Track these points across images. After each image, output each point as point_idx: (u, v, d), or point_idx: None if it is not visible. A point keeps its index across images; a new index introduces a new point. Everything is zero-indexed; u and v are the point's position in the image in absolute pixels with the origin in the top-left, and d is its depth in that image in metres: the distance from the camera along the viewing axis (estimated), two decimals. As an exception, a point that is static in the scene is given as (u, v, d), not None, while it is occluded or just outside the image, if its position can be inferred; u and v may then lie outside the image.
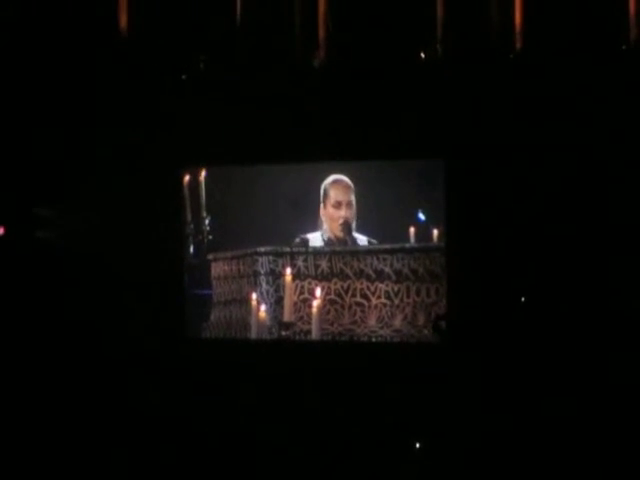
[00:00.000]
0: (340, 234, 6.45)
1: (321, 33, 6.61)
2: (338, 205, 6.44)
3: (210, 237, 6.65)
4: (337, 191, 6.46)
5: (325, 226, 6.50)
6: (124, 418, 6.51)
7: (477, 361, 6.18)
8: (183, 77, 6.81)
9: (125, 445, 6.28)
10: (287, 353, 6.52)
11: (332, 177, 6.48)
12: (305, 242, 6.54)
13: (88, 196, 6.91)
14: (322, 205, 6.46)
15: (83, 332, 6.86)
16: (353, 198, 6.41)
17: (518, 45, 6.38)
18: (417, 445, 5.99)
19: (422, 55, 6.51)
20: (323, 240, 6.52)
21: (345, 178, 6.44)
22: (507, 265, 6.24)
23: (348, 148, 6.48)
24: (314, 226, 6.53)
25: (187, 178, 6.75)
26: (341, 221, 6.44)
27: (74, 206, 6.96)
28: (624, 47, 6.24)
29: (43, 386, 6.70)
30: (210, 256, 6.67)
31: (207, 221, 6.64)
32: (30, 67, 6.90)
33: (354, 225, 6.45)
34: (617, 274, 6.15)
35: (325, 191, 6.48)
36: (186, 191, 6.72)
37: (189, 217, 6.75)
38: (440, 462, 5.89)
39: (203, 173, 6.69)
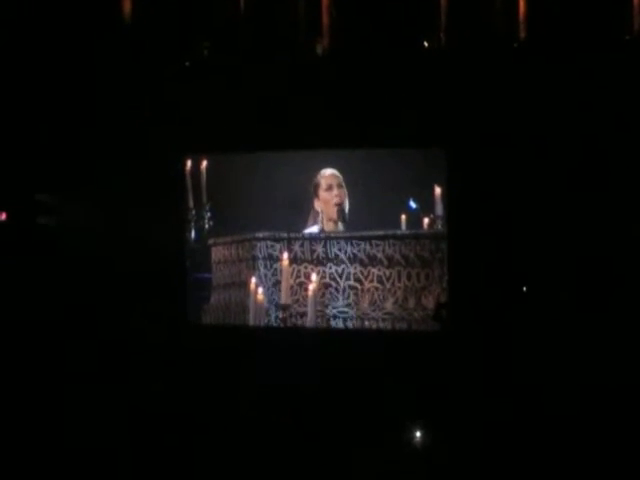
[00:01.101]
0: (335, 215, 6.50)
1: (324, 21, 6.56)
2: (329, 188, 6.52)
3: (211, 223, 6.69)
4: (327, 178, 6.54)
5: (321, 216, 6.55)
6: (127, 405, 6.44)
7: (478, 350, 6.16)
8: (186, 64, 6.75)
9: (128, 433, 6.24)
10: (287, 340, 6.50)
11: (322, 170, 6.53)
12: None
13: (90, 183, 6.86)
14: (315, 197, 6.53)
15: (85, 318, 6.80)
16: (343, 184, 6.48)
17: (522, 34, 6.33)
18: (417, 434, 6.00)
19: (425, 44, 6.48)
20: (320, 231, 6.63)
21: (333, 170, 6.50)
22: (508, 253, 6.21)
23: (350, 136, 6.44)
24: (312, 221, 6.59)
25: (189, 165, 6.76)
26: (335, 200, 6.50)
27: (76, 193, 6.93)
28: (627, 37, 6.19)
29: (44, 373, 6.65)
30: (210, 241, 6.72)
31: (208, 207, 6.69)
32: (33, 54, 6.82)
33: (347, 209, 6.48)
34: (618, 263, 6.10)
35: (316, 183, 6.54)
36: (188, 178, 6.74)
37: (191, 203, 6.75)
38: (440, 453, 5.85)
39: (204, 161, 6.71)
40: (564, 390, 5.96)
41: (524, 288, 6.19)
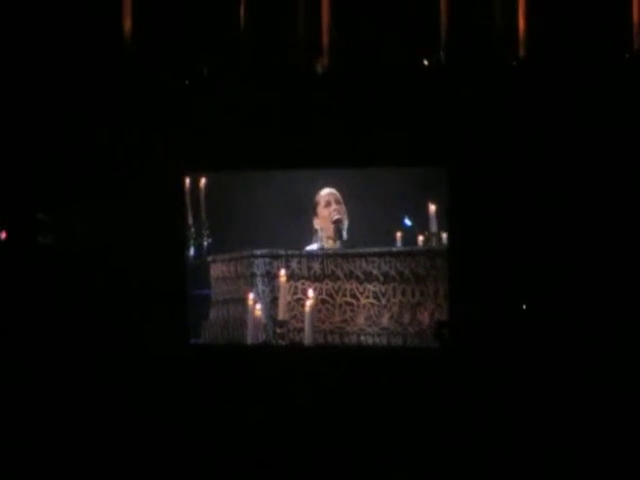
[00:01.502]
0: (332, 233, 6.57)
1: (324, 39, 6.57)
2: (328, 204, 6.58)
3: (209, 240, 6.69)
4: (325, 196, 6.60)
5: (320, 233, 6.62)
6: (125, 422, 6.38)
7: (479, 368, 6.13)
8: (186, 82, 6.72)
9: (126, 446, 6.20)
10: (285, 359, 6.49)
11: (323, 190, 6.59)
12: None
13: (90, 201, 6.79)
14: (315, 216, 6.60)
15: (85, 336, 6.72)
16: (342, 202, 6.54)
17: (521, 52, 6.32)
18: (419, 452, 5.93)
19: (425, 62, 6.46)
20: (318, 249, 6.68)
21: (332, 189, 6.57)
22: (508, 271, 6.19)
23: (350, 155, 6.44)
24: (310, 239, 6.65)
25: (187, 183, 6.75)
26: (333, 216, 6.56)
27: (76, 211, 6.85)
28: (627, 55, 6.19)
29: (44, 389, 6.57)
30: (209, 258, 6.73)
31: (207, 225, 6.69)
32: (33, 72, 6.77)
33: (345, 226, 6.55)
34: (620, 281, 6.07)
35: (315, 202, 6.61)
36: (187, 196, 6.73)
37: (190, 220, 6.75)
38: (438, 469, 5.80)
39: (203, 179, 6.71)
40: (566, 408, 5.93)
41: (524, 306, 6.18)
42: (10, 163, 6.83)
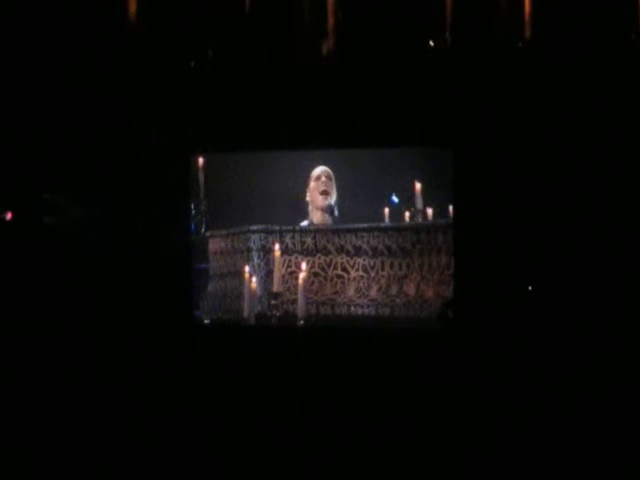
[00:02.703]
0: (321, 203, 6.66)
1: (330, 21, 6.49)
2: (318, 179, 6.66)
3: (208, 217, 6.79)
4: (317, 171, 6.68)
5: (310, 209, 6.71)
6: (133, 406, 6.25)
7: (482, 349, 6.12)
8: (191, 64, 6.69)
9: (133, 433, 6.03)
10: (286, 338, 6.53)
11: (317, 168, 6.67)
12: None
13: (95, 182, 6.76)
14: (307, 189, 6.69)
15: (91, 317, 6.71)
16: (333, 183, 6.64)
17: (527, 34, 6.24)
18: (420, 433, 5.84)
19: (431, 43, 6.42)
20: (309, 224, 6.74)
21: (327, 168, 6.65)
22: (514, 253, 6.17)
23: (356, 136, 6.42)
24: (303, 216, 6.73)
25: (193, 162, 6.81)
26: (321, 188, 6.66)
27: (81, 192, 6.83)
28: (633, 36, 6.11)
29: (48, 370, 6.51)
30: (208, 233, 6.82)
31: (205, 202, 6.77)
32: (39, 53, 6.70)
33: (334, 206, 6.65)
34: (625, 260, 6.05)
35: (309, 177, 6.70)
36: (192, 176, 6.79)
37: None
38: (439, 453, 5.65)
39: (201, 158, 6.76)
40: (570, 390, 5.89)
41: (529, 287, 6.20)
42: (15, 144, 6.81)
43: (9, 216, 6.91)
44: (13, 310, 6.69)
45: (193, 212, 6.86)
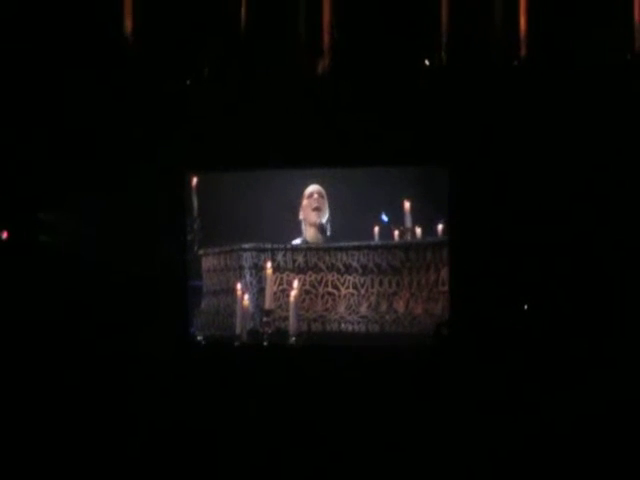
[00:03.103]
0: (313, 220, 6.70)
1: (325, 40, 6.50)
2: (310, 196, 6.68)
3: (201, 235, 6.78)
4: (313, 196, 6.71)
5: (303, 226, 6.74)
6: (127, 413, 6.30)
7: (478, 366, 6.08)
8: (187, 82, 6.66)
9: (125, 443, 6.10)
10: (279, 357, 6.50)
11: (310, 187, 6.71)
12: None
13: (91, 201, 6.72)
14: (301, 209, 6.73)
15: (86, 335, 6.63)
16: (326, 202, 6.67)
17: (522, 52, 6.24)
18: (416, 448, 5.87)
19: (426, 62, 6.42)
20: (302, 242, 6.76)
21: (319, 187, 6.69)
22: (509, 271, 6.15)
23: (351, 155, 6.42)
24: (296, 232, 6.76)
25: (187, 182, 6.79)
26: (313, 205, 6.70)
27: (77, 210, 6.79)
28: (628, 56, 6.12)
29: (46, 387, 6.46)
30: (201, 252, 6.83)
31: (198, 221, 6.76)
32: (34, 73, 6.66)
33: (327, 227, 6.69)
34: (620, 277, 6.01)
35: (302, 196, 6.73)
36: (188, 194, 6.78)
37: None
38: (438, 467, 5.70)
39: (195, 178, 6.74)
40: (565, 406, 5.86)
41: (525, 305, 6.17)
42: (11, 162, 6.76)
43: (5, 235, 6.87)
44: (9, 329, 6.66)
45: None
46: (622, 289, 6.05)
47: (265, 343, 6.61)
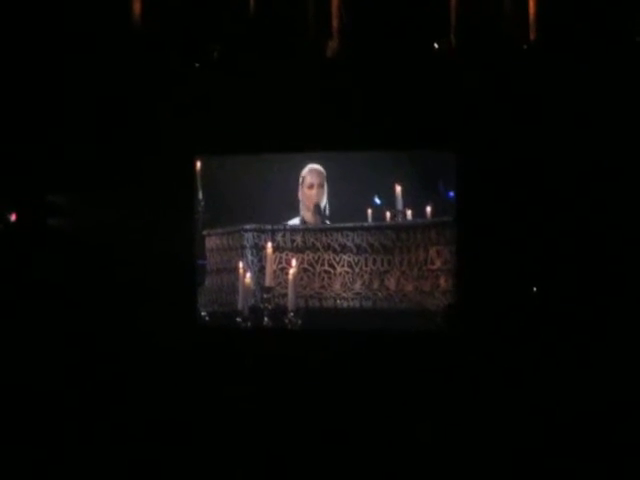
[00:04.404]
0: (312, 210, 6.77)
1: (335, 23, 6.46)
2: (311, 187, 6.75)
3: (205, 216, 6.90)
4: (311, 176, 6.77)
5: (301, 207, 6.80)
6: (134, 408, 6.30)
7: (487, 351, 6.13)
8: (196, 65, 6.68)
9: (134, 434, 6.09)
10: (286, 341, 6.59)
11: (309, 166, 6.74)
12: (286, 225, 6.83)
13: (99, 183, 6.80)
14: (300, 189, 6.78)
15: (95, 318, 6.70)
16: (324, 182, 6.72)
17: (532, 36, 6.15)
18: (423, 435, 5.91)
19: (435, 46, 6.38)
20: (300, 222, 6.83)
21: (319, 166, 6.75)
22: (517, 255, 6.15)
23: (361, 138, 6.42)
24: (294, 212, 6.82)
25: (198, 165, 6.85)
26: (313, 200, 6.75)
27: (86, 193, 6.85)
28: (638, 38, 6.04)
29: (51, 375, 6.51)
30: (205, 232, 6.92)
31: (202, 203, 6.88)
32: (44, 55, 6.70)
33: (324, 207, 6.74)
34: (630, 263, 5.98)
35: (303, 177, 6.77)
36: (197, 178, 6.85)
37: None
38: (443, 453, 5.70)
39: (199, 161, 6.81)
40: (574, 392, 5.87)
41: (534, 288, 6.20)
42: (20, 146, 6.78)
43: (13, 217, 6.93)
44: (17, 311, 6.71)
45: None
46: (633, 274, 6.03)
47: (266, 319, 6.78)
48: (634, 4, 6.09)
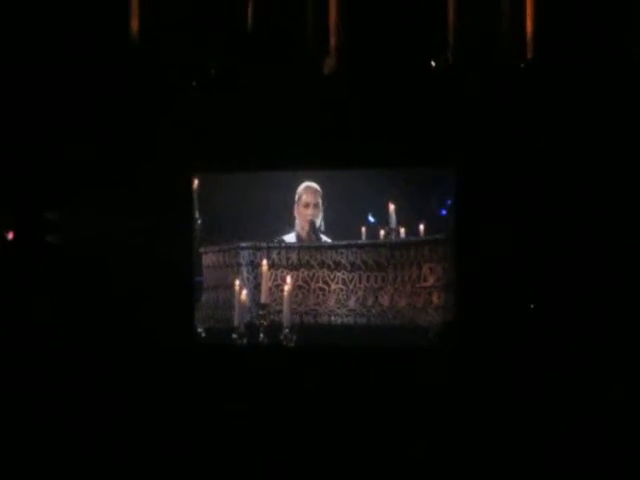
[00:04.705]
0: (307, 230, 6.81)
1: (332, 40, 6.50)
2: (307, 205, 6.79)
3: (202, 234, 6.92)
4: (307, 194, 6.81)
5: (296, 223, 6.83)
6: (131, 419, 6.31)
7: (482, 366, 6.14)
8: (193, 83, 6.69)
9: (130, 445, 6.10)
10: (283, 358, 6.60)
11: (305, 184, 6.80)
12: (281, 242, 6.85)
13: (97, 200, 6.79)
14: (296, 206, 6.81)
15: (92, 334, 6.68)
16: (320, 201, 6.77)
17: (529, 54, 6.18)
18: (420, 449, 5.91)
19: (432, 63, 6.40)
20: (296, 237, 6.85)
21: (315, 184, 6.79)
22: (515, 270, 6.14)
23: (358, 156, 6.42)
24: (290, 227, 6.86)
25: (195, 183, 6.88)
26: (308, 218, 6.78)
27: (83, 210, 6.84)
28: (635, 57, 6.04)
29: (49, 388, 6.50)
30: (202, 249, 6.95)
31: (199, 221, 6.91)
32: (40, 73, 6.67)
33: (320, 224, 6.79)
34: (629, 275, 5.96)
35: (299, 195, 6.81)
36: (195, 196, 6.88)
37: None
38: (442, 470, 5.70)
39: (195, 179, 6.83)
40: (570, 408, 5.85)
41: (531, 305, 6.18)
42: (17, 162, 6.76)
43: (11, 235, 6.92)
44: (14, 328, 6.69)
45: (188, 230, 6.82)
46: (632, 286, 6.00)
47: (262, 335, 6.82)
48: (631, 22, 6.13)
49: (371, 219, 6.68)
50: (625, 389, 5.88)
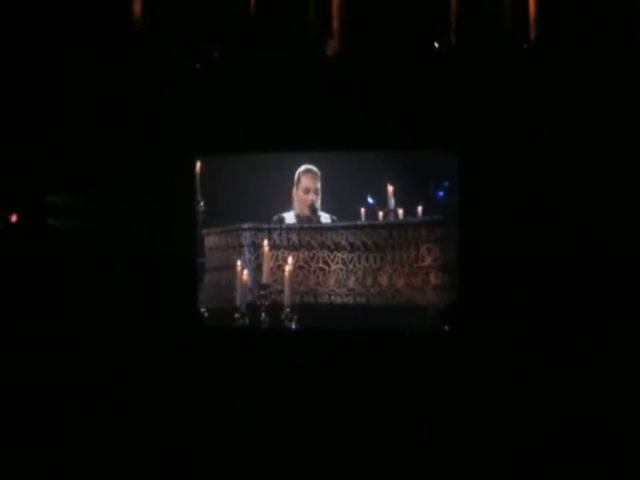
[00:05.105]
0: (307, 213, 6.91)
1: (335, 23, 6.49)
2: (307, 191, 6.86)
3: (204, 216, 6.99)
4: (307, 179, 6.88)
5: (296, 206, 6.92)
6: (138, 407, 6.24)
7: (485, 348, 6.15)
8: (197, 66, 6.72)
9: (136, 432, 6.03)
10: (288, 342, 6.64)
11: (304, 166, 6.84)
12: (281, 219, 6.92)
13: (100, 184, 6.81)
14: (295, 188, 6.88)
15: (96, 318, 6.71)
16: (319, 185, 6.83)
17: (532, 35, 6.17)
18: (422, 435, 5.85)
19: (436, 44, 6.41)
20: (295, 216, 6.93)
21: (314, 168, 6.84)
22: (518, 256, 6.15)
23: (362, 138, 6.43)
24: (289, 206, 6.93)
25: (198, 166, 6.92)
26: (308, 203, 6.87)
27: (86, 194, 6.87)
28: (638, 39, 6.04)
29: (53, 374, 6.47)
30: (204, 231, 7.02)
31: (202, 203, 6.96)
32: (45, 55, 6.71)
33: (319, 204, 6.85)
34: (633, 265, 5.95)
35: (298, 177, 6.86)
36: (197, 179, 6.94)
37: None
38: (444, 453, 5.61)
39: (198, 162, 6.88)
40: (574, 391, 5.83)
41: (532, 289, 6.17)
42: (20, 146, 6.79)
43: (14, 218, 6.94)
44: (17, 311, 6.70)
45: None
46: (632, 271, 6.02)
47: (263, 315, 6.88)
48: (634, 3, 6.13)
49: (370, 200, 6.73)
50: (628, 374, 5.91)
